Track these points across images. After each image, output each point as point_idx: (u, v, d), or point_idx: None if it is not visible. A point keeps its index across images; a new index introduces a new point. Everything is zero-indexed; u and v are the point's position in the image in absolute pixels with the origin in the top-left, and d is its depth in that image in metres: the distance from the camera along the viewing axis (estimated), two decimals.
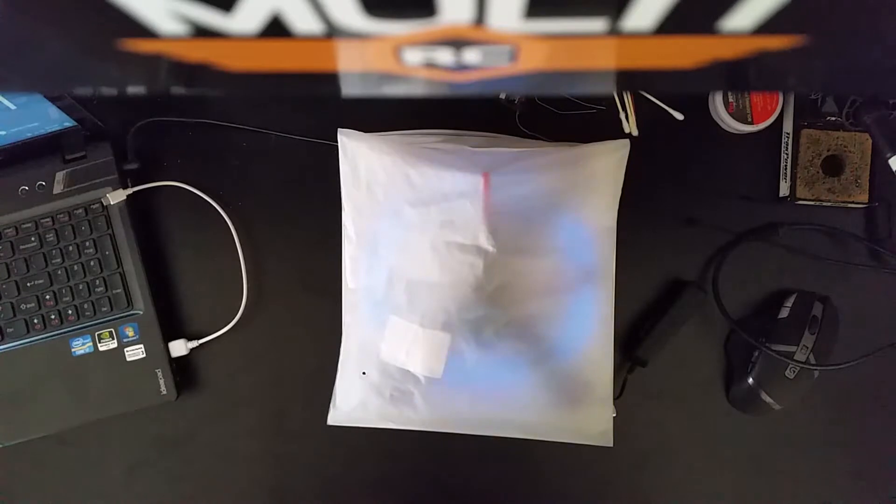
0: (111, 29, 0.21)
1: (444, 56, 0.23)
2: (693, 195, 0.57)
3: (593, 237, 0.53)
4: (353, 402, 0.53)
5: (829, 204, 0.57)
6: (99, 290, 0.55)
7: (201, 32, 0.21)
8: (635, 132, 0.56)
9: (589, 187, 0.53)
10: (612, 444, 0.52)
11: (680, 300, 0.55)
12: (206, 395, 0.56)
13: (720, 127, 0.58)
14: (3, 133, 0.53)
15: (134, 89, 0.26)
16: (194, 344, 0.55)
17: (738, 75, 0.25)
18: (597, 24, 0.21)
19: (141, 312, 0.55)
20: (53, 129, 0.55)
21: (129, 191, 0.55)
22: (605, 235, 0.53)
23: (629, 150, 0.52)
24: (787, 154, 0.58)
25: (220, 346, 0.56)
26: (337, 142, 0.53)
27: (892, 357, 0.53)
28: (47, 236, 0.55)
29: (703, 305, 0.55)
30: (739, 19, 0.20)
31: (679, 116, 0.56)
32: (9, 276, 0.55)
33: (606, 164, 0.52)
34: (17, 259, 0.55)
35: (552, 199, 0.52)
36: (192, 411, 0.56)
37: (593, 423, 0.52)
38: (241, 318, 0.55)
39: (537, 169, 0.52)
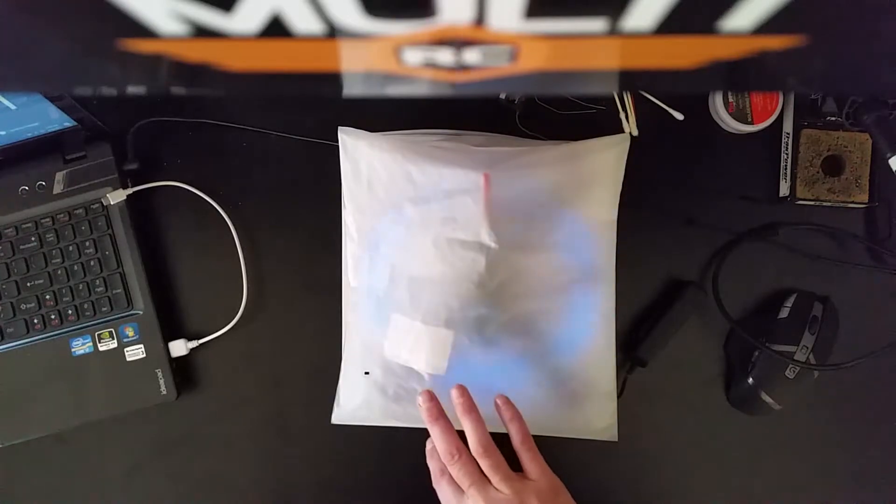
0: (111, 29, 0.21)
1: (445, 56, 0.23)
2: (693, 195, 0.57)
3: (595, 232, 0.53)
4: (357, 401, 0.53)
5: (829, 204, 0.57)
6: (99, 290, 0.55)
7: (201, 32, 0.21)
8: (635, 132, 0.56)
9: (590, 182, 0.53)
10: (616, 439, 0.52)
11: (680, 300, 0.55)
12: (206, 395, 0.56)
13: (720, 127, 0.58)
14: (3, 133, 0.53)
15: (134, 89, 0.26)
16: (194, 344, 0.55)
17: (738, 75, 0.25)
18: (597, 24, 0.21)
19: (141, 312, 0.55)
20: (53, 129, 0.55)
21: (129, 191, 0.55)
22: (606, 230, 0.53)
23: (629, 149, 0.52)
24: (787, 154, 0.58)
25: (220, 346, 0.56)
26: (337, 142, 0.53)
27: (892, 357, 0.53)
28: (47, 236, 0.55)
29: (703, 305, 0.55)
30: (739, 19, 0.20)
31: (679, 116, 0.56)
32: (9, 276, 0.55)
33: (606, 158, 0.53)
34: (17, 259, 0.55)
35: (553, 195, 0.52)
36: (192, 411, 0.56)
37: (597, 418, 0.53)
38: (241, 318, 0.55)
39: (538, 164, 0.52)
